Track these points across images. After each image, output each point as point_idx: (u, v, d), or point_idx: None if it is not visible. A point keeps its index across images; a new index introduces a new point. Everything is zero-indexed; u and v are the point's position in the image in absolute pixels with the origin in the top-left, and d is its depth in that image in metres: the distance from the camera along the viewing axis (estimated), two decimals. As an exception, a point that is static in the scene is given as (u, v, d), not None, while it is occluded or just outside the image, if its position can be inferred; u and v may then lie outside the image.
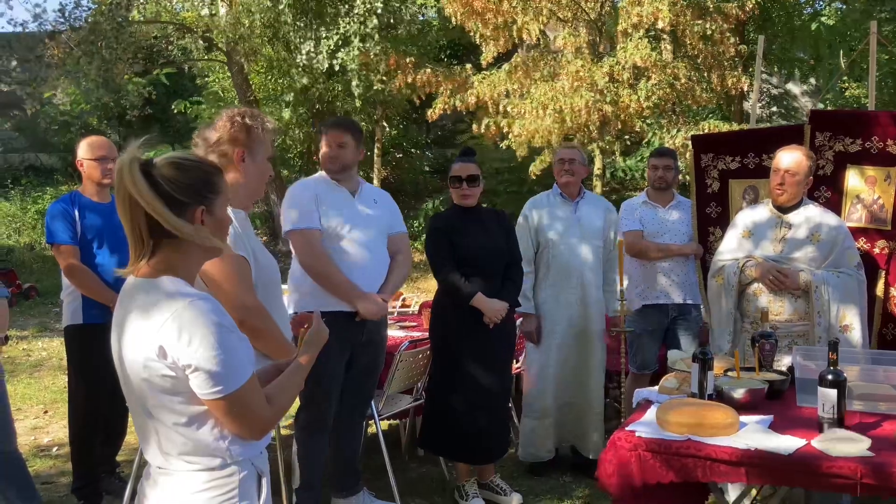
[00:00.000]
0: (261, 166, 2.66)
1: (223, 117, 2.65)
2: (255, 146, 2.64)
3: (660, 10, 8.87)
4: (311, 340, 1.94)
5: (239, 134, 2.61)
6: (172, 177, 1.67)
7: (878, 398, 2.75)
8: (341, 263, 3.55)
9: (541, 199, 4.57)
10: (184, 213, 1.67)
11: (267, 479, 1.84)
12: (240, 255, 2.44)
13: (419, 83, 10.26)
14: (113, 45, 12.00)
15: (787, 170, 3.55)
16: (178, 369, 1.62)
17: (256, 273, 2.54)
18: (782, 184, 3.56)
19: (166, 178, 1.66)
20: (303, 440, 3.68)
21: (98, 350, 2.91)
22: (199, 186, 1.71)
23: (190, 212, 1.69)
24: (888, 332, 4.11)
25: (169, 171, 1.68)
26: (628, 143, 12.65)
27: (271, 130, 2.71)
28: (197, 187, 1.71)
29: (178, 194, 1.66)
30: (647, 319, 4.71)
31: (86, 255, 3.88)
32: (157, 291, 1.65)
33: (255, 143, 2.64)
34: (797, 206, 3.65)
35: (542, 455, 4.47)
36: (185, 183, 1.68)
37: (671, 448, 2.41)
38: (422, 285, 12.44)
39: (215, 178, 1.77)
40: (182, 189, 1.67)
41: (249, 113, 2.67)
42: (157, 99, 16.88)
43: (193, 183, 1.70)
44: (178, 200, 1.66)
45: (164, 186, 1.64)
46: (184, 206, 1.67)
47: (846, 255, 3.59)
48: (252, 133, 2.63)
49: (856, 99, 14.21)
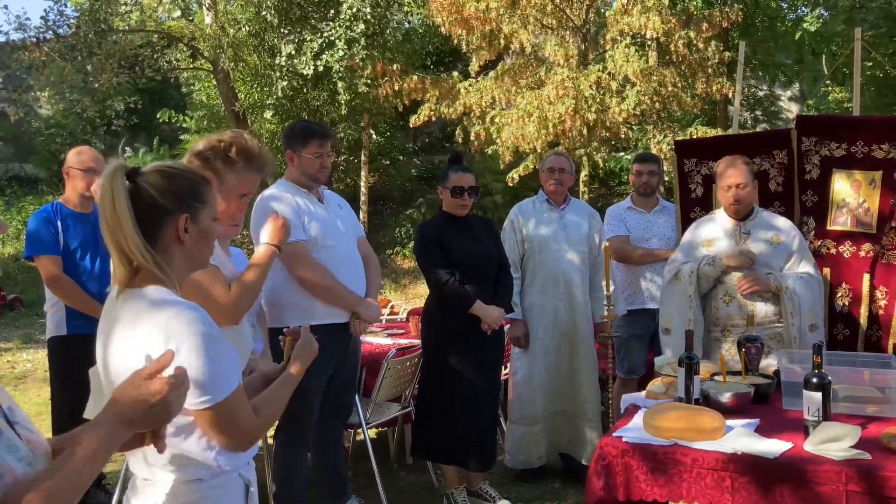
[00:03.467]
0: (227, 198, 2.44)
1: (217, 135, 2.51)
2: (228, 176, 2.44)
3: (649, 21, 8.93)
4: (301, 353, 1.91)
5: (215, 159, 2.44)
6: (158, 184, 1.66)
7: (864, 401, 2.76)
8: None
9: (527, 204, 4.57)
10: (167, 221, 1.66)
11: (254, 489, 1.82)
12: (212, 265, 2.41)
13: (406, 90, 10.27)
14: (97, 53, 11.95)
15: (737, 184, 3.58)
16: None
17: None
18: (737, 200, 3.59)
19: (152, 186, 1.65)
20: (284, 456, 3.58)
21: (82, 361, 2.86)
22: (184, 194, 1.70)
23: (173, 219, 1.67)
24: (873, 333, 4.14)
25: (155, 179, 1.67)
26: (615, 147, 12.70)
27: (258, 169, 2.52)
28: (182, 195, 1.69)
29: (165, 201, 1.66)
30: (633, 324, 4.72)
31: (69, 265, 3.85)
32: (143, 301, 1.63)
33: (229, 173, 2.45)
34: (751, 213, 3.69)
35: (533, 462, 4.46)
36: (170, 190, 1.67)
37: (658, 453, 2.41)
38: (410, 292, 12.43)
39: (202, 187, 1.75)
40: (168, 196, 1.66)
41: (242, 145, 2.49)
42: (143, 108, 16.83)
43: (179, 191, 1.69)
44: (162, 207, 1.65)
45: (149, 192, 1.64)
46: (168, 213, 1.66)
47: (805, 256, 3.64)
48: (231, 164, 2.46)
49: (839, 103, 14.35)
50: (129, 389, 1.35)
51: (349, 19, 11.70)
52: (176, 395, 1.37)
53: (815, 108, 14.86)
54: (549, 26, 10.00)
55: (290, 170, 3.59)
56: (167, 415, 1.38)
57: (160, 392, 1.34)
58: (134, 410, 1.34)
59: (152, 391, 1.34)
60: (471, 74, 10.61)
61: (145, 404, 1.34)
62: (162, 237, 1.67)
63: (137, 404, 1.34)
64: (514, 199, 6.17)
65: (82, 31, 12.04)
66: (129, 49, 13.18)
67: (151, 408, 1.34)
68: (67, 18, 12.87)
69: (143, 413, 1.34)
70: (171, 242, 1.68)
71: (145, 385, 1.34)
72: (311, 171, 3.55)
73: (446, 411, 3.94)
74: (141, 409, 1.34)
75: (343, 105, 12.28)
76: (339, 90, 12.03)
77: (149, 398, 1.34)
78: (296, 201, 3.47)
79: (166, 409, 1.37)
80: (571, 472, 4.50)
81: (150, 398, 1.34)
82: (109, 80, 12.71)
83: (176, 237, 1.69)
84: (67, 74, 12.30)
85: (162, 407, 1.35)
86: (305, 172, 3.55)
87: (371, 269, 3.72)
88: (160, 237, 1.66)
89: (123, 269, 1.65)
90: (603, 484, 2.48)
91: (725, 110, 13.11)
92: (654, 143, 9.82)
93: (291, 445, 3.57)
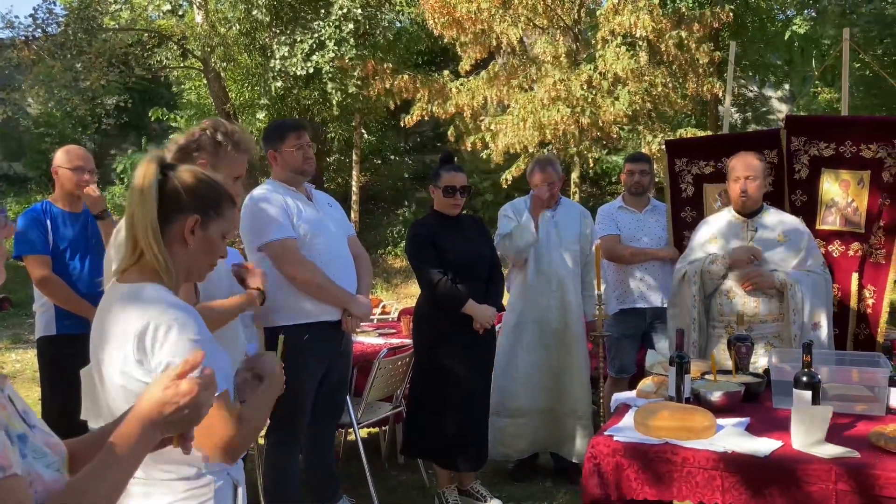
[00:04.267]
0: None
1: (198, 126, 2.61)
2: (220, 162, 2.56)
3: (639, 20, 8.96)
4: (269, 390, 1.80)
5: (206, 145, 2.55)
6: (186, 182, 1.70)
7: (853, 399, 2.78)
8: None
9: (519, 203, 4.56)
10: (178, 218, 1.68)
11: (242, 489, 1.81)
12: None
13: (397, 89, 10.27)
14: (86, 51, 11.89)
15: (746, 176, 3.61)
16: (152, 375, 1.60)
17: (205, 286, 2.50)
18: (745, 191, 3.61)
19: (180, 180, 1.69)
20: (276, 456, 3.56)
21: (72, 361, 2.86)
22: (204, 199, 1.72)
23: (184, 217, 1.69)
24: (861, 332, 4.17)
25: (185, 176, 1.71)
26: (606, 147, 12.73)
27: (245, 151, 2.62)
28: (203, 199, 1.71)
29: (184, 197, 1.68)
30: (624, 323, 4.74)
31: (58, 265, 3.83)
32: (140, 297, 1.64)
33: (219, 158, 2.57)
34: (758, 210, 3.70)
35: (511, 455, 4.44)
36: (194, 191, 1.70)
37: (649, 452, 2.42)
38: (402, 291, 12.42)
39: (225, 202, 1.77)
40: (188, 195, 1.69)
41: (224, 128, 2.60)
42: (133, 106, 16.75)
43: (201, 194, 1.71)
44: (180, 202, 1.68)
45: (173, 185, 1.67)
46: (182, 209, 1.68)
47: (812, 254, 3.66)
48: (219, 148, 2.56)
49: (828, 103, 14.42)
50: (159, 390, 1.31)
51: (339, 19, 11.69)
52: (206, 396, 1.34)
53: (804, 109, 14.92)
54: (540, 26, 10.02)
55: (275, 170, 3.58)
56: (198, 416, 1.34)
57: (190, 393, 1.31)
58: (164, 412, 1.30)
59: (182, 391, 1.30)
60: (461, 74, 10.62)
61: (176, 406, 1.30)
62: (168, 232, 1.68)
63: (168, 406, 1.30)
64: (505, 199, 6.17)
65: (71, 30, 11.97)
66: (119, 48, 13.12)
67: (182, 409, 1.30)
68: (56, 17, 12.80)
69: (173, 415, 1.30)
70: (175, 240, 1.69)
71: (175, 386, 1.31)
72: (296, 164, 3.51)
73: (438, 411, 3.94)
74: (171, 411, 1.30)
75: (335, 105, 12.26)
76: (329, 90, 12.02)
77: (179, 399, 1.30)
78: (285, 200, 3.45)
79: (197, 411, 1.33)
80: (562, 471, 4.50)
81: (181, 399, 1.30)
82: (99, 79, 12.65)
83: (181, 236, 1.69)
84: (57, 73, 12.23)
85: (193, 408, 1.31)
86: (290, 167, 3.52)
87: (362, 267, 3.71)
88: (167, 232, 1.68)
89: (128, 257, 1.67)
90: (597, 483, 2.48)
91: (716, 111, 13.16)
92: (644, 143, 9.85)
93: (283, 446, 3.56)
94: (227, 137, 2.58)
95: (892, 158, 4.04)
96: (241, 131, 2.67)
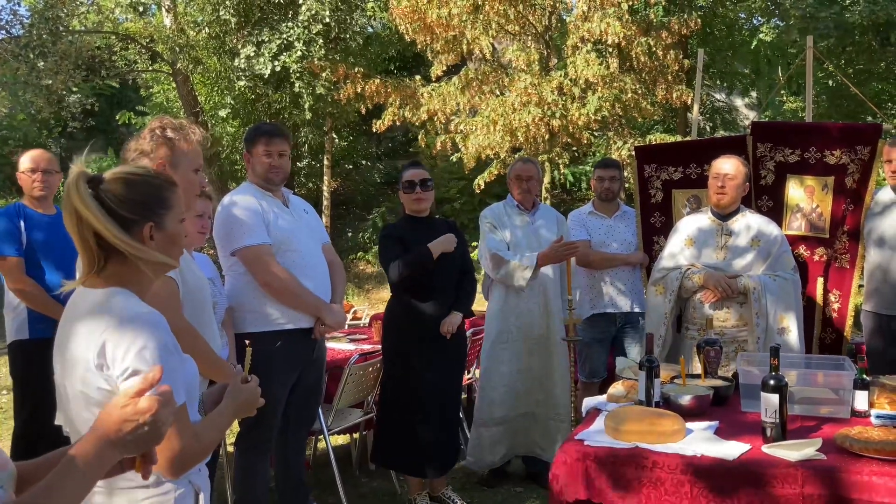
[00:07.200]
0: (185, 178, 2.56)
1: (146, 128, 2.60)
2: (178, 158, 2.57)
3: (609, 26, 9.04)
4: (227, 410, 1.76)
5: (160, 146, 2.55)
6: (119, 193, 1.62)
7: (818, 402, 2.82)
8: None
9: (497, 208, 4.54)
10: (131, 231, 1.62)
11: (205, 495, 1.78)
12: (167, 276, 2.37)
13: (368, 93, 10.24)
14: (50, 53, 11.69)
15: (726, 174, 3.66)
16: (112, 382, 1.57)
17: (184, 293, 2.47)
18: (723, 186, 3.67)
19: (113, 195, 1.61)
20: (245, 464, 3.51)
21: (45, 366, 2.79)
22: (147, 202, 1.67)
23: (138, 230, 1.64)
24: (827, 336, 4.23)
25: (116, 188, 1.63)
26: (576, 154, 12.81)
27: (197, 142, 2.63)
28: (145, 203, 1.66)
29: (125, 212, 1.61)
30: (595, 328, 4.75)
31: (32, 267, 3.76)
32: (104, 304, 1.61)
33: (177, 155, 2.57)
34: (735, 212, 3.74)
35: (496, 462, 4.42)
36: (132, 199, 1.63)
37: (619, 456, 2.42)
38: (373, 297, 12.38)
39: (165, 192, 1.72)
40: (129, 206, 1.62)
41: (172, 124, 2.60)
42: (100, 110, 16.50)
43: (141, 199, 1.66)
44: (126, 218, 1.61)
45: (110, 203, 1.60)
46: (131, 223, 1.63)
47: (783, 258, 3.71)
48: (174, 145, 2.56)
49: (793, 112, 14.66)
50: (117, 408, 1.28)
51: (308, 20, 11.66)
52: (165, 414, 1.30)
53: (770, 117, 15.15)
54: (511, 32, 10.06)
55: (249, 172, 3.57)
56: (158, 435, 1.31)
57: (150, 410, 1.27)
58: (123, 430, 1.27)
59: (141, 409, 1.27)
60: (432, 79, 10.61)
61: (134, 424, 1.27)
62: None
63: (126, 423, 1.27)
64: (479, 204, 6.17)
65: (35, 31, 11.76)
66: (86, 50, 12.91)
67: (140, 427, 1.27)
68: (21, 18, 12.59)
69: (132, 433, 1.27)
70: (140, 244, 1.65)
71: (133, 404, 1.27)
72: (261, 171, 3.49)
73: (406, 417, 3.92)
74: (130, 429, 1.27)
75: (306, 109, 12.20)
76: (298, 91, 11.95)
77: (137, 417, 1.27)
78: (259, 205, 3.41)
79: (156, 429, 1.29)
80: (533, 476, 4.50)
81: (139, 417, 1.27)
82: (65, 82, 12.43)
83: (142, 242, 1.65)
84: (21, 75, 12.00)
85: (151, 426, 1.28)
86: (256, 173, 3.51)
87: (336, 275, 3.68)
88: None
89: (89, 266, 1.62)
90: (566, 488, 2.48)
91: (685, 118, 13.31)
92: (614, 149, 9.92)
93: (253, 453, 3.51)
94: (176, 132, 2.58)
95: (856, 164, 4.12)
96: (189, 123, 2.68)
